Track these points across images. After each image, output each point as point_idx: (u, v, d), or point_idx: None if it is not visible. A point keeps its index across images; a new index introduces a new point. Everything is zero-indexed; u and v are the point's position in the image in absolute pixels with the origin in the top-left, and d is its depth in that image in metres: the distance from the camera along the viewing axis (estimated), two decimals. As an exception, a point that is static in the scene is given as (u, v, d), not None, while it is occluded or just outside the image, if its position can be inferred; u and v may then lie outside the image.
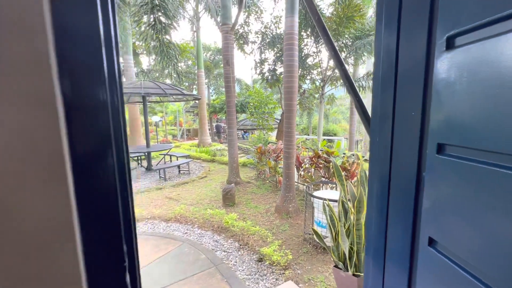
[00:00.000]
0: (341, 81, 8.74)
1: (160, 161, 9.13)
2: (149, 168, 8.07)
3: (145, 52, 16.53)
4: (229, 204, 5.09)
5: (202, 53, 17.75)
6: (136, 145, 10.74)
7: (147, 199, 5.64)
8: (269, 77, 8.99)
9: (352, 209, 2.22)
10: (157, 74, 18.34)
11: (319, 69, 8.25)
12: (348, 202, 2.31)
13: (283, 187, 4.51)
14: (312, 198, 3.43)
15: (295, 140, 4.37)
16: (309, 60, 8.32)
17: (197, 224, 4.11)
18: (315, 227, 3.46)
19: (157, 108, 26.09)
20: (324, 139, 6.54)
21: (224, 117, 22.82)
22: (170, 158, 9.68)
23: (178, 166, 7.93)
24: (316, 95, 9.98)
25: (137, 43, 14.46)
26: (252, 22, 9.81)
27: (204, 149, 12.38)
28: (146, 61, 18.24)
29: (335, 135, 26.86)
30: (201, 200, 5.47)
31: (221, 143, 18.54)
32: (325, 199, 3.22)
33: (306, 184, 5.55)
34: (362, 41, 6.14)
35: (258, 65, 9.44)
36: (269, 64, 9.25)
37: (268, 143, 7.45)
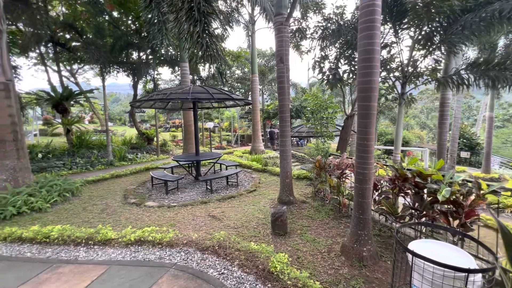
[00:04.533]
0: (426, 77, 6.82)
1: (209, 169, 8.75)
2: (197, 178, 7.69)
3: (202, 60, 17.01)
4: (280, 233, 4.07)
5: (257, 58, 17.36)
6: (187, 153, 10.76)
7: (190, 215, 5.08)
8: (330, 76, 7.68)
9: None
10: (212, 81, 18.68)
11: (397, 63, 6.56)
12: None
13: (354, 222, 3.26)
14: (409, 254, 2.14)
15: (373, 158, 3.09)
16: (383, 53, 6.72)
17: (238, 261, 3.22)
18: (416, 303, 2.15)
19: (213, 114, 27.02)
20: (408, 152, 4.94)
21: (278, 123, 22.05)
22: (220, 167, 9.26)
23: (227, 177, 7.32)
24: (389, 96, 8.18)
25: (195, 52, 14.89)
26: (310, 16, 8.68)
27: (256, 157, 11.68)
28: (203, 68, 18.73)
29: (406, 143, 23.08)
30: (247, 223, 4.59)
31: (274, 150, 17.71)
32: (439, 265, 1.91)
33: (385, 215, 4.12)
34: (477, 13, 4.27)
35: (317, 64, 8.23)
36: (330, 62, 7.95)
37: (329, 155, 6.17)
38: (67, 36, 13.30)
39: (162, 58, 14.49)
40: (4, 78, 5.86)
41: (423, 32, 5.47)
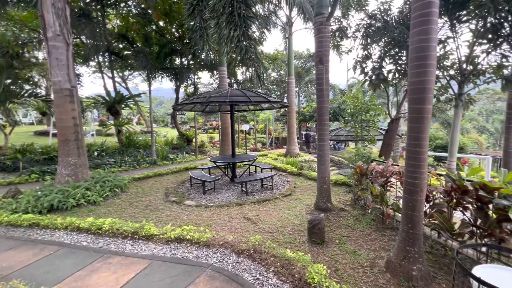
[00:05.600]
0: (489, 75, 5.99)
1: (244, 171, 8.85)
2: (233, 179, 7.83)
3: (241, 64, 17.37)
4: (316, 241, 3.90)
5: (293, 59, 17.16)
6: (223, 154, 11.05)
7: (225, 216, 5.16)
8: (373, 77, 7.21)
9: None
10: (249, 84, 18.94)
11: (453, 61, 5.85)
12: None
13: (402, 236, 2.96)
14: (474, 282, 1.85)
15: (426, 167, 2.78)
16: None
17: (273, 268, 3.15)
18: None
19: (249, 116, 27.41)
20: (463, 160, 4.35)
21: (314, 126, 21.50)
22: (255, 169, 9.29)
23: (261, 180, 7.31)
24: (442, 97, 7.39)
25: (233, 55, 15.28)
26: (352, 14, 8.26)
27: (291, 160, 11.50)
28: (242, 72, 19.13)
29: (461, 149, 20.61)
30: (282, 228, 4.50)
31: (309, 153, 17.28)
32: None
33: (438, 230, 3.69)
34: None
35: (358, 64, 7.79)
36: (373, 62, 7.47)
37: (371, 161, 5.76)
38: (120, 46, 14.73)
39: (202, 63, 15.19)
40: (69, 85, 6.67)
41: (488, 24, 4.79)
